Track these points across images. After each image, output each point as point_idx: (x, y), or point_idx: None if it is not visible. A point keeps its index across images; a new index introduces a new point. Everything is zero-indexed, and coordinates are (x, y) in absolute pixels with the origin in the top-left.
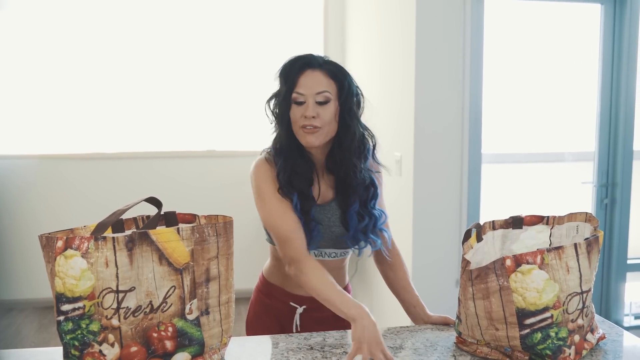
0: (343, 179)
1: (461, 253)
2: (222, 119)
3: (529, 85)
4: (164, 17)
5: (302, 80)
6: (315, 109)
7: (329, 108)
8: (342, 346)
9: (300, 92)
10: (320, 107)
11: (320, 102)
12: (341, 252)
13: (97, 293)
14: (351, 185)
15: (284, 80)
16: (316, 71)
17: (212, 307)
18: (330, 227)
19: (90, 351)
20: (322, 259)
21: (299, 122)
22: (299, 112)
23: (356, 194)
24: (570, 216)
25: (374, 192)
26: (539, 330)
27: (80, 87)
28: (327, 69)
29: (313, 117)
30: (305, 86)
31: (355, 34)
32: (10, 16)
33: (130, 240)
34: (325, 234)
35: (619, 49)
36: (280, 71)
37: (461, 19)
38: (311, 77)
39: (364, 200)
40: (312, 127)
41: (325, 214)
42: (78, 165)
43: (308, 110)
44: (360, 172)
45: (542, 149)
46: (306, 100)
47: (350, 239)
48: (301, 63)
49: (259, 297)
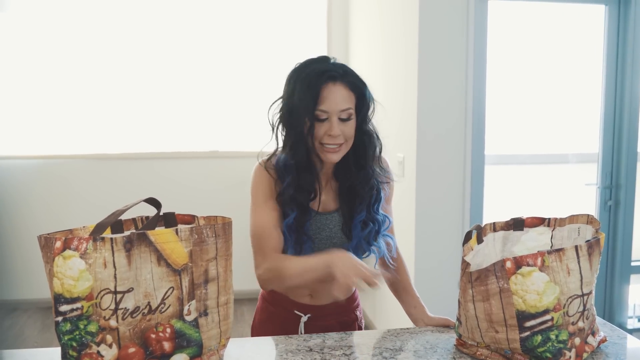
0: (351, 186)
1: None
2: (225, 120)
3: (532, 86)
4: (166, 17)
5: (325, 94)
6: (340, 127)
7: (351, 124)
8: (342, 348)
9: (324, 109)
10: (343, 123)
11: (344, 119)
12: None
13: (95, 294)
14: (359, 194)
15: (307, 92)
16: (338, 84)
17: (210, 308)
18: (331, 238)
19: (88, 352)
20: None
21: (321, 139)
22: (322, 129)
23: (364, 202)
24: (571, 218)
25: (377, 196)
26: (539, 332)
27: (82, 88)
28: (347, 82)
29: (338, 135)
30: (329, 102)
31: (358, 35)
32: (12, 18)
33: (129, 241)
34: (325, 246)
35: (623, 50)
36: (298, 80)
37: (464, 20)
38: (334, 92)
39: (369, 206)
40: (337, 146)
41: (327, 224)
42: (80, 165)
43: (333, 129)
44: (373, 180)
45: (545, 150)
46: (330, 118)
47: (353, 249)
48: (326, 77)
49: (264, 305)
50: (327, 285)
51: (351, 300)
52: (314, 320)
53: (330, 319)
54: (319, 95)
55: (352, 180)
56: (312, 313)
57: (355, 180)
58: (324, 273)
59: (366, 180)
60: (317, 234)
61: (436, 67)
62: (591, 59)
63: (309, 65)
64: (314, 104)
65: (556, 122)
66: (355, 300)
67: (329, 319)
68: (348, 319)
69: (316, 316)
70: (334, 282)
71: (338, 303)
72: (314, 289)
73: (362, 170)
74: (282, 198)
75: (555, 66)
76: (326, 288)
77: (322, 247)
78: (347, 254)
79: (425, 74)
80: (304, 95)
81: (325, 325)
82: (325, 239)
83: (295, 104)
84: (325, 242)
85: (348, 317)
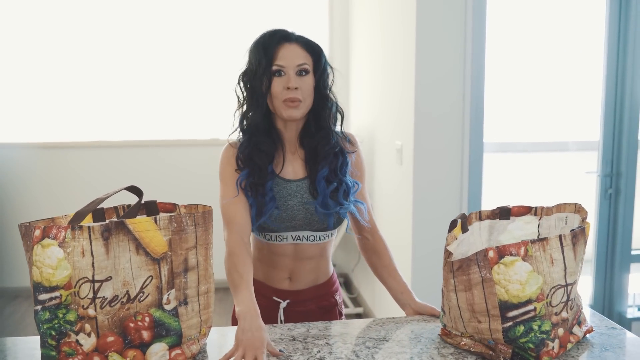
0: (314, 149)
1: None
2: (225, 107)
3: (532, 74)
4: (167, 5)
5: (282, 52)
6: (296, 81)
7: (308, 80)
8: (325, 337)
9: (281, 64)
10: (300, 78)
11: (300, 73)
12: (320, 234)
13: (74, 283)
14: (320, 153)
15: (263, 52)
16: (293, 44)
17: (190, 297)
18: (303, 204)
19: (67, 341)
20: (300, 242)
21: (280, 95)
22: (280, 84)
23: (325, 160)
24: (559, 207)
25: (344, 161)
26: (521, 323)
27: (83, 76)
28: (302, 42)
29: (295, 89)
30: (285, 58)
31: (359, 23)
32: (12, 4)
33: (107, 230)
34: (299, 212)
35: (625, 37)
36: (255, 45)
37: (463, 6)
38: (289, 49)
39: (334, 168)
40: (296, 100)
41: (298, 191)
42: (81, 153)
43: (290, 81)
44: (333, 139)
45: (545, 138)
46: (287, 72)
47: (320, 205)
48: (279, 36)
49: None
50: (307, 265)
51: (330, 284)
52: (293, 305)
53: (310, 304)
54: (274, 53)
55: (313, 141)
56: (291, 298)
57: (316, 140)
58: (238, 314)
59: (327, 140)
60: (289, 199)
61: (434, 55)
62: (592, 46)
63: (266, 32)
64: (270, 60)
65: (556, 109)
66: (334, 284)
67: (309, 304)
68: (328, 304)
69: (295, 301)
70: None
71: (317, 287)
72: (292, 270)
73: (322, 130)
74: (238, 156)
75: (556, 53)
76: (305, 268)
77: (294, 213)
78: (259, 327)
79: (423, 61)
80: (261, 56)
81: (305, 311)
82: (298, 205)
83: (254, 66)
84: (298, 208)
85: (327, 302)
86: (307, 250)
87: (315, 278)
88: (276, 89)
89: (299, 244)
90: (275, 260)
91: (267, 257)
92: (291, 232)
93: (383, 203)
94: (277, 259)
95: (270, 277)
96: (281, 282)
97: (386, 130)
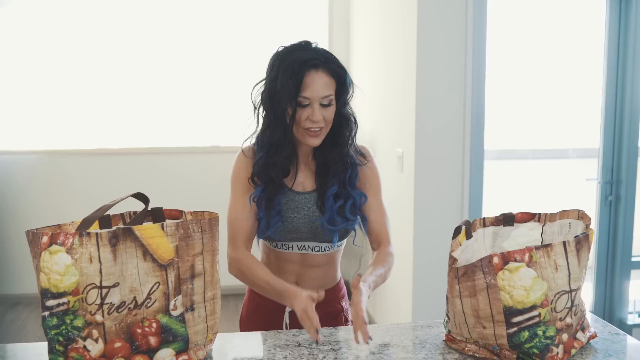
0: (326, 164)
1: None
2: (226, 115)
3: (532, 81)
4: (167, 12)
5: (308, 82)
6: (321, 112)
7: (331, 109)
8: (330, 343)
9: (307, 95)
10: (324, 109)
11: (325, 105)
12: (325, 245)
13: (82, 289)
14: (331, 169)
15: (289, 79)
16: (320, 72)
17: (197, 303)
18: (309, 216)
19: (74, 346)
20: (306, 252)
21: (303, 123)
22: (304, 115)
23: (336, 177)
24: (562, 213)
25: (352, 173)
26: (526, 328)
27: (83, 83)
28: (329, 69)
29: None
30: (311, 89)
31: (359, 30)
32: (12, 12)
33: (114, 236)
34: (304, 225)
35: (625, 44)
36: (281, 65)
37: (464, 14)
38: (316, 79)
39: (342, 181)
40: (318, 130)
41: (305, 203)
42: (80, 160)
43: (315, 115)
44: (347, 157)
45: (546, 145)
46: (312, 104)
47: (327, 221)
48: (308, 65)
49: (251, 296)
50: (313, 272)
51: (336, 290)
52: None
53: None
54: (301, 83)
55: (327, 156)
56: None
57: (329, 156)
58: (277, 299)
59: (339, 157)
60: (296, 212)
61: (435, 62)
62: (592, 54)
63: (291, 52)
64: (297, 91)
65: (557, 116)
66: (340, 290)
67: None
68: (334, 310)
69: None
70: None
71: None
72: (299, 276)
73: (337, 147)
74: (254, 171)
75: (556, 61)
76: (312, 275)
77: (300, 225)
78: (303, 296)
79: (424, 68)
80: (287, 83)
81: None
82: (304, 218)
83: (278, 90)
84: (304, 220)
85: (334, 308)
86: (313, 258)
87: (322, 284)
88: (300, 119)
89: (305, 253)
90: (282, 266)
91: (274, 262)
92: (297, 242)
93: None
94: (284, 265)
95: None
96: None
97: (387, 138)
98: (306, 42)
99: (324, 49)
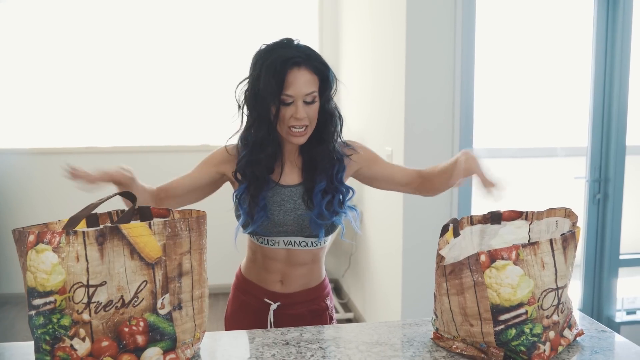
0: (313, 159)
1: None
2: (216, 114)
3: (521, 80)
4: (160, 12)
5: (291, 80)
6: (304, 110)
7: (315, 106)
8: (318, 341)
9: (290, 94)
10: (307, 106)
11: (308, 102)
12: (312, 240)
13: (68, 287)
14: (319, 166)
15: (272, 77)
16: (302, 69)
17: (184, 302)
18: (295, 209)
19: (61, 346)
20: (293, 248)
21: (287, 121)
22: (287, 112)
23: (323, 172)
24: (549, 211)
25: (339, 167)
26: (513, 326)
27: (77, 82)
28: (311, 66)
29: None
30: (294, 87)
31: (348, 30)
32: (9, 10)
33: (101, 235)
34: (290, 218)
35: (612, 43)
36: (263, 63)
37: (452, 13)
38: (299, 77)
39: (330, 176)
40: (302, 128)
41: (291, 197)
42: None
43: (299, 112)
44: (333, 152)
45: (534, 143)
46: (295, 102)
47: (316, 216)
48: (290, 63)
49: (236, 294)
50: (298, 271)
51: (321, 288)
52: (284, 308)
53: (301, 308)
54: (284, 81)
55: (313, 153)
56: (282, 301)
57: (315, 153)
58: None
59: (326, 153)
60: (281, 205)
61: (424, 60)
62: (580, 52)
63: (274, 50)
64: (279, 89)
65: (545, 115)
66: (325, 288)
67: (299, 307)
68: (318, 308)
69: (286, 304)
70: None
71: (308, 291)
72: (284, 274)
73: (323, 144)
74: (238, 168)
75: (544, 59)
76: (297, 273)
77: (286, 218)
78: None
79: (413, 67)
80: (270, 81)
81: (295, 314)
82: (290, 211)
83: (261, 88)
84: (290, 214)
85: (318, 306)
86: (299, 255)
87: (307, 282)
88: (284, 117)
89: (291, 249)
90: (268, 264)
91: (260, 259)
92: (283, 237)
93: (373, 209)
94: (269, 263)
95: (262, 279)
96: (273, 285)
97: (376, 136)
98: (288, 39)
99: (306, 45)
